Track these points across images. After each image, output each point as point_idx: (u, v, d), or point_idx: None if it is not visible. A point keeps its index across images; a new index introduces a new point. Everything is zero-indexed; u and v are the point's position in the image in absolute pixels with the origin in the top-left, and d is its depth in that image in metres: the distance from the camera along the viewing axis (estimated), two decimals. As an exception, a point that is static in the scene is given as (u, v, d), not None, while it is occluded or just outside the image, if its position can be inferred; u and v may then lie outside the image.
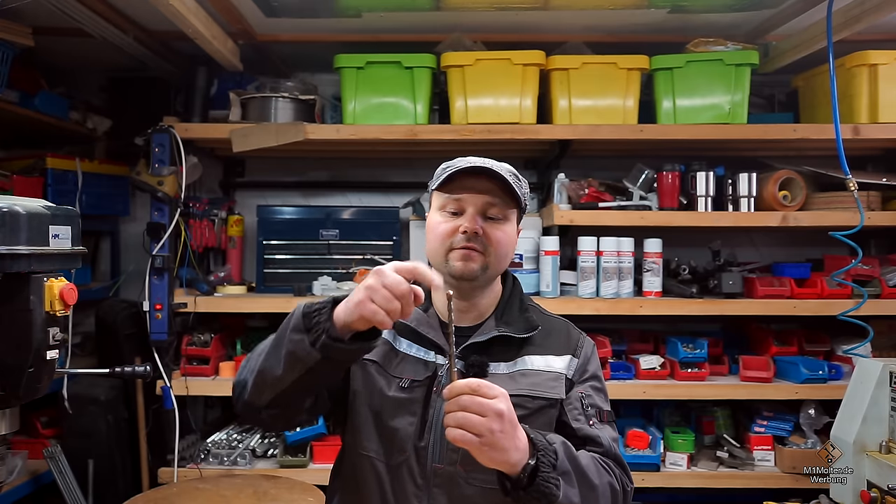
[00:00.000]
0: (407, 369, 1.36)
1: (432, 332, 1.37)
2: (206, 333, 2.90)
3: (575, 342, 1.43)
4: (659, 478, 2.71)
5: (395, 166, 3.34)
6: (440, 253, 1.35)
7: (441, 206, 1.37)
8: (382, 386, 1.35)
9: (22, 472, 2.59)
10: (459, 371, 1.34)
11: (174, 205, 2.78)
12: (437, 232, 1.36)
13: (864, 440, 2.07)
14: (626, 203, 2.82)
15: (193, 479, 2.62)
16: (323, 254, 3.04)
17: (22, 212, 1.31)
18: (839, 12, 2.42)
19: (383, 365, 1.37)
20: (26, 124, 2.86)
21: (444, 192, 1.36)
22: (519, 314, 1.41)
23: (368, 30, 2.81)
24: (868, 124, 2.71)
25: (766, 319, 2.99)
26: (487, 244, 1.33)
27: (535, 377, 1.36)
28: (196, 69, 3.01)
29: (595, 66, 2.73)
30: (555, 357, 1.39)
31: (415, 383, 1.34)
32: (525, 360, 1.37)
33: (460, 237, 1.32)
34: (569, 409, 1.36)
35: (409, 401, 1.34)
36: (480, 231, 1.32)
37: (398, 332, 1.40)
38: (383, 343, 1.39)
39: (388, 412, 1.34)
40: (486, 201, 1.34)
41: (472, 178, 1.33)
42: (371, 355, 1.37)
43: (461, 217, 1.34)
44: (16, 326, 1.31)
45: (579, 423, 1.34)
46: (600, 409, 1.38)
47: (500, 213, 1.35)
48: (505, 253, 1.37)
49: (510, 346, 1.37)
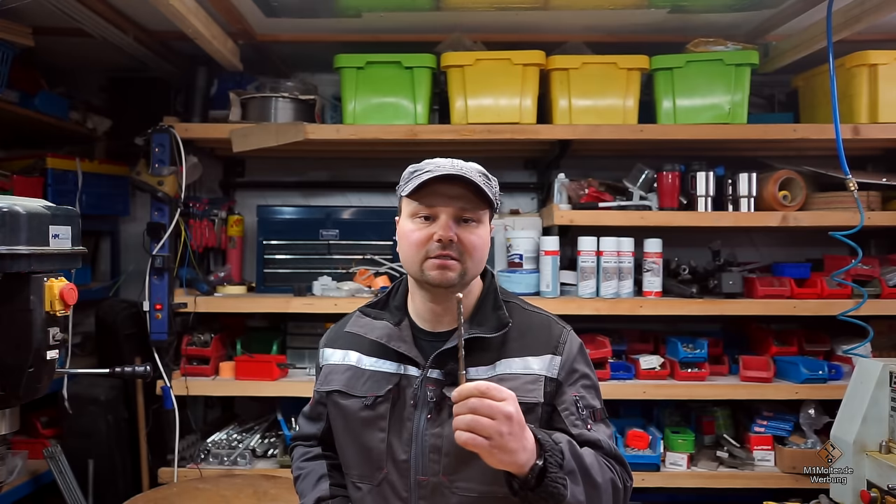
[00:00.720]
0: (372, 387, 1.38)
1: (403, 345, 1.38)
2: (206, 333, 2.89)
3: (556, 339, 1.39)
4: (659, 478, 2.71)
5: (395, 166, 3.29)
6: (416, 262, 1.35)
7: (413, 213, 1.36)
8: (350, 410, 1.39)
9: (22, 472, 2.59)
10: (436, 380, 1.34)
11: (174, 205, 2.78)
12: (410, 240, 1.35)
13: (864, 440, 2.07)
14: (626, 203, 2.81)
15: (193, 479, 2.62)
16: (323, 254, 3.04)
17: (22, 212, 1.31)
18: (839, 12, 2.42)
19: (347, 390, 1.41)
20: (26, 124, 2.86)
21: (415, 200, 1.35)
22: (492, 312, 1.39)
23: (368, 30, 2.81)
24: (868, 124, 2.71)
25: (766, 319, 2.99)
26: (463, 250, 1.33)
27: (514, 381, 1.33)
28: (196, 69, 3.01)
29: (595, 66, 2.73)
30: (533, 358, 1.36)
31: (378, 399, 1.36)
32: (504, 363, 1.35)
33: (435, 245, 1.32)
34: (565, 416, 1.34)
35: (375, 417, 1.36)
36: (455, 238, 1.31)
37: (364, 352, 1.43)
38: (346, 369, 1.43)
39: (358, 432, 1.38)
40: (459, 206, 1.33)
41: (443, 184, 1.32)
42: (334, 385, 1.43)
43: (434, 224, 1.33)
44: (16, 326, 1.31)
45: (578, 429, 1.33)
46: (594, 408, 1.37)
47: (472, 215, 1.34)
48: (481, 256, 1.37)
49: (488, 349, 1.36)
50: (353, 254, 3.03)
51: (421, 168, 1.36)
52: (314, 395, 1.53)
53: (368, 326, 1.43)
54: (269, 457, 2.84)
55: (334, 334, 1.52)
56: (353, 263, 3.00)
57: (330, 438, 1.49)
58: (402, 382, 1.36)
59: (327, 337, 1.53)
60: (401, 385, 1.36)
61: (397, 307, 1.45)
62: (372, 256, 3.02)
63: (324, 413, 1.49)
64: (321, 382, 1.47)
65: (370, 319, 1.44)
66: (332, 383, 1.44)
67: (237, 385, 2.81)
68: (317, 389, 1.50)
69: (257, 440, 2.89)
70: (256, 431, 2.98)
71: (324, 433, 1.52)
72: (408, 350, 1.37)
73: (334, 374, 1.44)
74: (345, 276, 2.95)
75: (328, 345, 1.50)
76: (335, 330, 1.53)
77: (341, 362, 1.45)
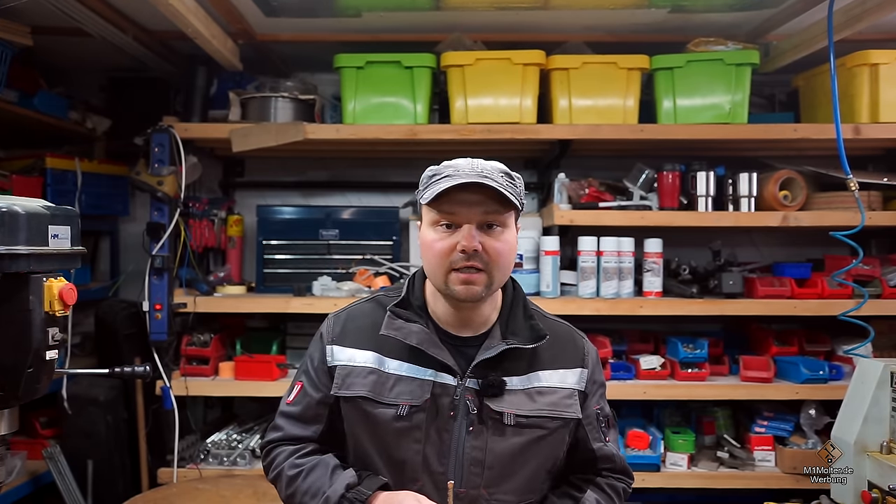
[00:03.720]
0: (402, 394, 1.30)
1: (440, 352, 1.31)
2: (205, 333, 2.89)
3: (582, 351, 1.41)
4: (659, 478, 2.70)
5: (395, 166, 3.33)
6: (440, 274, 1.29)
7: (434, 222, 1.30)
8: (381, 419, 1.30)
9: (21, 472, 2.59)
10: (474, 390, 1.31)
11: (174, 205, 2.78)
12: (434, 251, 1.28)
13: (864, 440, 2.07)
14: (626, 203, 2.81)
15: (193, 480, 2.62)
16: (323, 254, 3.04)
17: (21, 212, 1.30)
18: (840, 12, 2.42)
19: (376, 396, 1.31)
20: (25, 124, 2.85)
21: (435, 208, 1.29)
22: (524, 322, 1.36)
23: (368, 30, 2.81)
24: (869, 124, 2.71)
25: (766, 319, 2.99)
26: (488, 259, 1.27)
27: (553, 395, 1.33)
28: (196, 69, 3.01)
29: (595, 65, 2.73)
30: (567, 371, 1.37)
31: (414, 409, 1.29)
32: (539, 375, 1.34)
33: (459, 256, 1.26)
34: (589, 430, 1.37)
35: (411, 428, 1.29)
36: (479, 247, 1.25)
37: (387, 353, 1.34)
38: (369, 372, 1.33)
39: (391, 444, 1.31)
40: (482, 212, 1.27)
41: (463, 189, 1.25)
42: (358, 390, 1.32)
43: (457, 232, 1.27)
44: (15, 326, 1.30)
45: (598, 443, 1.37)
46: (608, 416, 1.41)
47: (496, 220, 1.28)
48: (507, 263, 1.32)
49: (520, 358, 1.34)
50: (352, 254, 3.02)
51: (440, 172, 1.29)
52: (308, 393, 1.40)
53: (405, 329, 1.32)
54: (268, 457, 2.83)
55: (341, 330, 1.40)
56: (353, 263, 2.99)
57: (329, 441, 1.40)
58: (437, 391, 1.30)
59: (332, 333, 1.40)
60: (435, 393, 1.30)
61: (420, 307, 1.38)
62: (372, 256, 3.01)
63: (323, 415, 1.38)
64: (337, 386, 1.35)
65: (403, 321, 1.33)
66: (355, 388, 1.33)
67: (237, 385, 2.80)
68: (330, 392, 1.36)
69: (257, 440, 2.89)
70: (256, 432, 2.98)
71: (321, 436, 1.40)
72: (445, 357, 1.30)
73: (355, 378, 1.34)
74: (345, 276, 2.94)
75: (336, 342, 1.39)
76: (341, 325, 1.41)
77: (361, 364, 1.34)
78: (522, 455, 1.31)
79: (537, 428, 1.30)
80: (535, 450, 1.31)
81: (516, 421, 1.30)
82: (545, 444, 1.32)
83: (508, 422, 1.29)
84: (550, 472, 1.36)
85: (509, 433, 1.30)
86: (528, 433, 1.30)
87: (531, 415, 1.30)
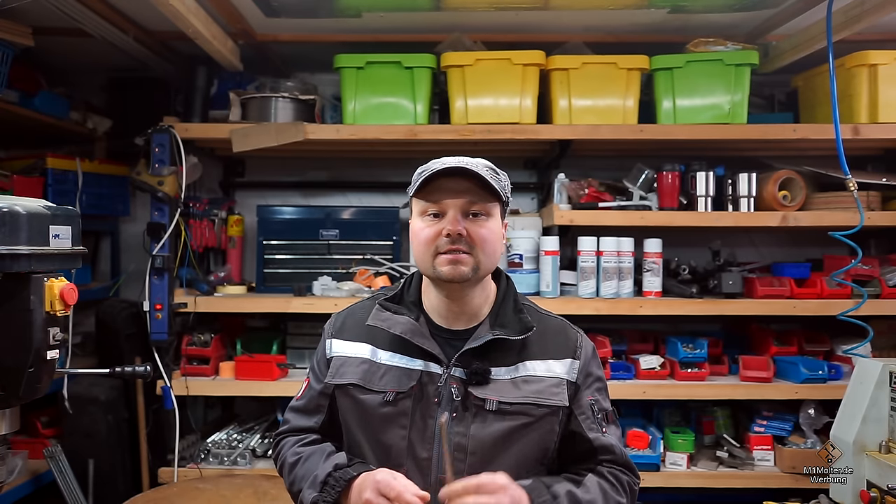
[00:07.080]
0: (391, 382, 1.36)
1: (426, 341, 1.37)
2: (206, 333, 2.89)
3: (574, 343, 1.43)
4: (659, 478, 2.71)
5: (395, 166, 3.34)
6: (427, 259, 1.35)
7: (422, 212, 1.38)
8: (368, 405, 1.37)
9: (22, 472, 2.59)
10: (460, 378, 1.34)
11: (174, 205, 2.78)
12: (420, 238, 1.36)
13: (863, 440, 2.07)
14: (626, 203, 2.82)
15: (193, 479, 2.62)
16: (323, 254, 3.04)
17: (22, 212, 1.31)
18: (839, 12, 2.42)
19: (365, 384, 1.38)
20: (26, 124, 2.86)
21: (423, 198, 1.37)
22: (513, 315, 1.40)
23: (368, 30, 2.81)
24: (868, 124, 2.71)
25: (766, 319, 2.99)
26: (472, 244, 1.33)
27: (538, 384, 1.36)
28: (196, 69, 3.01)
29: (595, 66, 2.73)
30: (555, 361, 1.39)
31: (400, 395, 1.35)
32: (527, 364, 1.37)
33: (444, 240, 1.33)
34: (582, 419, 1.37)
35: (397, 414, 1.35)
36: (464, 232, 1.32)
37: (378, 345, 1.40)
38: (361, 362, 1.40)
39: (377, 429, 1.36)
40: (466, 200, 1.34)
41: (449, 179, 1.33)
42: (349, 378, 1.40)
43: (443, 220, 1.34)
44: (16, 326, 1.31)
45: (594, 433, 1.37)
46: (606, 411, 1.41)
47: (481, 209, 1.35)
48: (493, 250, 1.37)
49: (509, 350, 1.37)
50: (352, 254, 3.03)
51: (427, 167, 1.37)
52: (312, 387, 1.49)
53: (391, 321, 1.39)
54: (269, 457, 2.83)
55: (341, 325, 1.48)
56: (353, 263, 3.00)
57: (329, 431, 1.47)
58: (424, 379, 1.35)
59: (333, 327, 1.49)
60: (422, 381, 1.35)
61: (413, 303, 1.44)
62: (372, 256, 3.02)
63: (324, 406, 1.46)
64: (332, 375, 1.43)
65: (391, 314, 1.40)
66: (347, 376, 1.40)
67: (237, 385, 2.81)
68: (326, 382, 1.44)
69: (257, 440, 2.89)
70: (256, 431, 2.98)
71: (322, 426, 1.47)
72: (431, 347, 1.36)
73: (347, 367, 1.41)
74: (345, 276, 2.95)
75: (335, 335, 1.47)
76: (341, 320, 1.49)
77: (354, 355, 1.42)
78: (505, 442, 1.33)
79: (521, 415, 1.33)
80: (519, 437, 1.34)
81: (499, 407, 1.33)
82: (531, 432, 1.34)
83: (491, 408, 1.33)
84: (541, 463, 1.37)
85: (491, 419, 1.33)
86: (511, 420, 1.33)
87: (515, 402, 1.33)
